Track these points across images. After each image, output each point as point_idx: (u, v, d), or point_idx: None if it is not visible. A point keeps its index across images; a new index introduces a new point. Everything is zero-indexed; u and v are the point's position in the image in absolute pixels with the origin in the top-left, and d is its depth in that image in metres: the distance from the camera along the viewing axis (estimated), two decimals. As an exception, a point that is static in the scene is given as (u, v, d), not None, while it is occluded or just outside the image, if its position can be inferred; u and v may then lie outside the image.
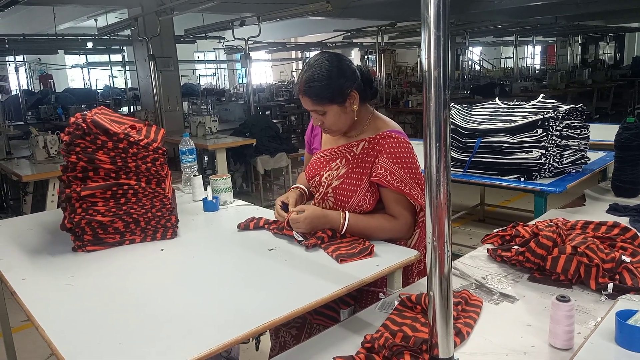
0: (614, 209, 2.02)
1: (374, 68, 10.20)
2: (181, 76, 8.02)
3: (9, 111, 8.54)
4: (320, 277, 1.35)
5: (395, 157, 1.57)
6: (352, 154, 1.65)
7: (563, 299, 1.09)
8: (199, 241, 1.71)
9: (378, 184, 1.59)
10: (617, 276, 1.34)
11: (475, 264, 1.58)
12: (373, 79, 1.70)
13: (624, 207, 2.02)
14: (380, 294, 1.49)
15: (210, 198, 2.03)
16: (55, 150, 4.28)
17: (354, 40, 11.78)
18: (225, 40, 10.15)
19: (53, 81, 13.14)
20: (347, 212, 1.59)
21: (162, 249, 1.61)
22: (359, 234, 1.59)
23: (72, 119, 1.62)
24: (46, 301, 1.28)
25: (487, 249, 1.64)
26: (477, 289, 1.41)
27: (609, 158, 2.71)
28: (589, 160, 2.57)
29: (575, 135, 2.45)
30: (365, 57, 13.47)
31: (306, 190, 1.81)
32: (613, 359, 0.96)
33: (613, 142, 2.24)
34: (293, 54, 16.99)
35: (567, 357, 1.02)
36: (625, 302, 1.13)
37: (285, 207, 1.70)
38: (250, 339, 2.19)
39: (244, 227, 1.75)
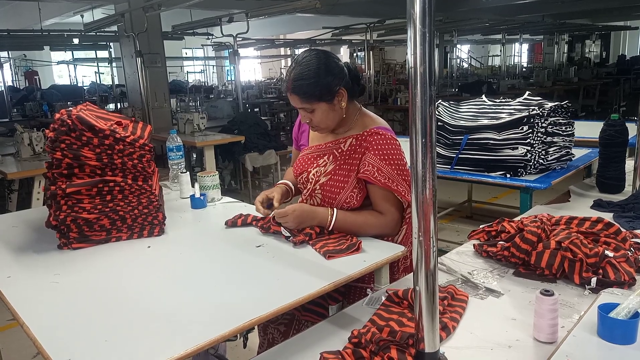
0: (598, 205, 2.04)
1: (363, 65, 10.21)
2: (169, 73, 7.98)
3: (-7, 108, 8.42)
4: (308, 273, 1.36)
5: (383, 154, 1.58)
6: (339, 150, 1.65)
7: (547, 292, 1.10)
8: (187, 238, 1.70)
9: (365, 180, 1.59)
10: (601, 271, 1.36)
11: (462, 259, 1.60)
12: (361, 76, 1.70)
13: (608, 203, 2.04)
14: (368, 289, 1.50)
15: (197, 195, 2.03)
16: (41, 148, 4.23)
17: (343, 38, 11.80)
18: (214, 36, 10.08)
19: (38, 78, 12.98)
20: (335, 209, 1.60)
21: (149, 246, 1.60)
22: (346, 231, 1.59)
23: (57, 115, 1.61)
24: (31, 299, 1.27)
25: (474, 245, 1.65)
26: (463, 284, 1.42)
27: (593, 155, 2.75)
28: (573, 156, 2.61)
29: (561, 132, 2.47)
30: (354, 54, 13.48)
31: (292, 186, 1.81)
32: (595, 351, 0.97)
33: (597, 139, 2.27)
34: (282, 50, 16.93)
35: (551, 350, 1.03)
36: (607, 295, 1.15)
37: (270, 204, 1.70)
38: (238, 336, 2.20)
39: (232, 224, 1.75)
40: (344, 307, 1.49)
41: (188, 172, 2.21)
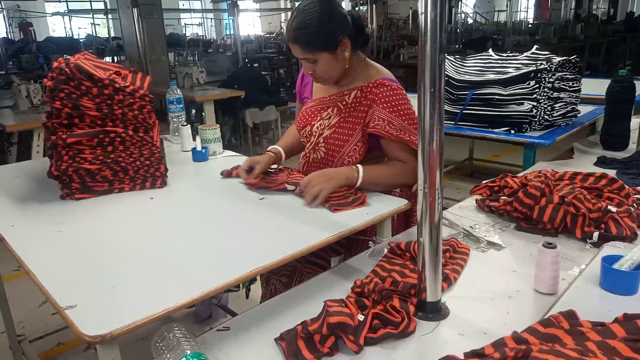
0: (601, 162, 2.04)
1: (366, 15, 9.94)
2: (166, 25, 7.78)
3: (-12, 60, 8.26)
4: (311, 224, 1.36)
5: (392, 106, 1.55)
6: (344, 102, 1.63)
7: (549, 245, 1.11)
8: (189, 190, 1.70)
9: (377, 135, 1.57)
10: (603, 225, 1.37)
11: (464, 214, 1.60)
12: (365, 25, 1.66)
13: (611, 160, 2.04)
14: (370, 242, 1.51)
15: (199, 148, 2.01)
16: (39, 100, 4.18)
17: (345, -10, 11.44)
18: (212, -13, 9.80)
19: (33, 29, 12.67)
20: (358, 165, 1.56)
21: (152, 198, 1.60)
22: (373, 184, 1.56)
23: (55, 64, 1.57)
24: (36, 247, 1.27)
25: (476, 200, 1.65)
26: (465, 238, 1.43)
27: (598, 112, 2.72)
28: (579, 113, 2.58)
29: (567, 88, 2.44)
30: (356, 8, 13.13)
31: (282, 152, 1.78)
32: (597, 301, 0.99)
33: (603, 96, 2.24)
34: (282, 3, 16.49)
35: (551, 301, 1.04)
36: (610, 248, 1.16)
37: (251, 168, 1.67)
38: (241, 286, 2.23)
39: (227, 174, 1.75)
40: (345, 260, 1.50)
41: (189, 125, 2.19)
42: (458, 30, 11.79)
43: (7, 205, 1.57)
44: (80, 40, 12.27)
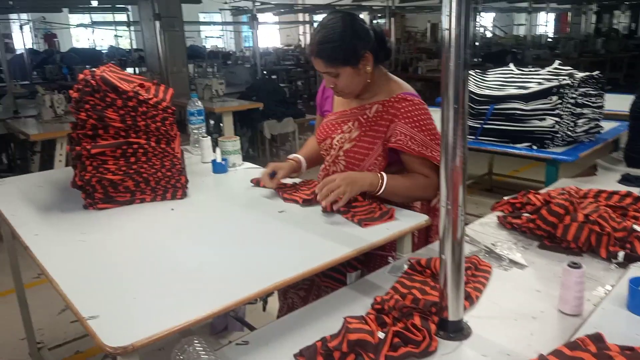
0: (626, 179, 2.00)
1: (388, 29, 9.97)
2: (186, 38, 7.89)
3: (14, 70, 8.46)
4: (331, 239, 1.35)
5: (414, 121, 1.55)
6: (364, 116, 1.63)
7: (574, 265, 1.09)
8: (209, 202, 1.71)
9: (399, 150, 1.56)
10: (628, 245, 1.34)
11: (485, 230, 1.58)
12: (387, 40, 1.66)
13: (636, 177, 2.00)
14: (389, 257, 1.50)
15: (219, 160, 2.03)
16: (62, 110, 4.26)
17: (363, 4, 11.52)
18: (232, 0, 9.94)
19: (57, 41, 12.99)
20: (382, 173, 1.55)
21: (172, 209, 1.61)
22: (395, 194, 1.55)
23: (81, 76, 1.60)
24: (59, 256, 1.29)
25: (497, 216, 1.63)
26: (487, 255, 1.41)
27: (622, 128, 2.68)
28: (602, 129, 2.54)
29: (590, 104, 2.40)
30: (374, 21, 13.19)
31: (303, 160, 1.79)
32: (625, 324, 0.96)
33: (625, 112, 2.21)
34: (301, 16, 16.65)
35: (576, 323, 1.02)
36: (637, 269, 1.13)
37: (273, 173, 1.70)
38: (258, 299, 2.23)
39: (256, 182, 1.77)
40: (363, 276, 1.49)
41: (209, 137, 2.21)
42: (477, 43, 11.75)
43: (32, 214, 1.60)
44: (103, 51, 12.53)
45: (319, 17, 14.30)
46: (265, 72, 9.47)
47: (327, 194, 1.47)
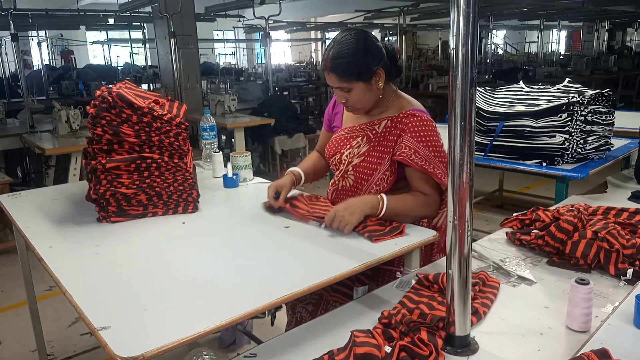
0: (636, 197, 1.99)
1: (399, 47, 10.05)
2: (200, 54, 8.02)
3: (31, 86, 8.65)
4: (338, 253, 1.37)
5: (420, 136, 1.57)
6: (373, 132, 1.65)
7: (582, 281, 1.09)
8: (220, 216, 1.74)
9: (402, 162, 1.58)
10: (638, 262, 1.34)
11: (494, 246, 1.58)
12: (398, 58, 1.69)
13: (646, 195, 1.99)
14: (397, 272, 1.51)
15: (230, 174, 2.05)
16: (78, 125, 4.34)
17: (375, 21, 11.64)
18: (245, 19, 10.10)
19: (74, 57, 13.24)
20: (382, 195, 1.56)
21: (184, 222, 1.64)
22: (396, 215, 1.55)
23: (98, 92, 1.64)
24: (73, 268, 1.32)
25: (506, 232, 1.64)
26: (495, 271, 1.41)
27: (632, 145, 2.67)
28: (612, 146, 2.53)
29: (600, 121, 2.40)
30: (386, 38, 13.30)
31: (302, 174, 1.80)
32: (631, 340, 0.96)
33: (637, 130, 2.20)
34: (312, 34, 16.84)
35: (584, 339, 1.02)
36: (645, 287, 1.13)
37: (277, 194, 1.70)
38: (266, 313, 2.24)
39: (269, 205, 1.74)
40: (371, 290, 1.49)
41: (221, 152, 2.25)
42: (488, 60, 11.78)
43: (46, 226, 1.64)
44: (119, 68, 12.75)
45: (330, 34, 14.46)
46: (277, 88, 9.56)
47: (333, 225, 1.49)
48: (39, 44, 9.66)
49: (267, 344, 1.11)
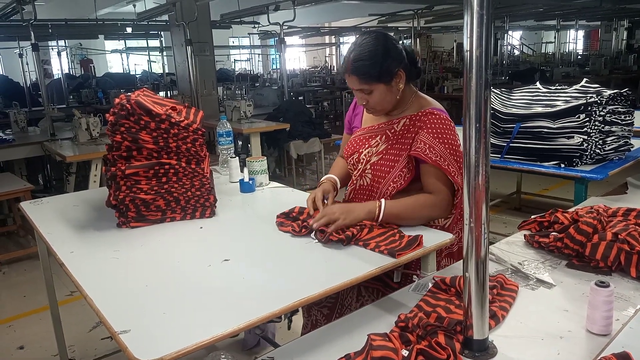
0: (658, 198, 1.96)
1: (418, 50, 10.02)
2: (216, 61, 8.10)
3: (52, 94, 8.83)
4: (354, 257, 1.37)
5: (436, 133, 1.57)
6: (392, 130, 1.66)
7: (602, 284, 1.07)
8: (237, 220, 1.75)
9: (416, 157, 1.58)
10: (660, 264, 1.31)
11: (512, 249, 1.57)
12: (417, 59, 1.70)
13: (669, 195, 1.95)
14: (414, 276, 1.50)
15: (246, 179, 2.07)
16: (97, 132, 4.41)
17: (389, 25, 11.61)
18: (260, 25, 10.18)
19: (93, 66, 13.48)
20: (382, 200, 1.56)
21: (201, 227, 1.66)
22: (397, 215, 1.54)
23: (117, 100, 1.68)
24: (93, 272, 1.34)
25: (524, 235, 1.62)
26: (513, 274, 1.40)
27: (654, 146, 2.62)
28: (632, 147, 2.49)
29: (619, 121, 2.37)
30: (400, 41, 13.26)
31: (337, 180, 1.80)
32: (653, 344, 0.94)
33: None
34: (327, 39, 16.90)
35: (604, 343, 1.00)
36: (668, 289, 1.11)
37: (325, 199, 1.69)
38: (283, 317, 2.25)
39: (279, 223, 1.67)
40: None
41: (237, 157, 2.27)
42: (504, 62, 11.68)
43: (68, 232, 1.67)
44: (137, 75, 12.95)
45: (344, 39, 14.48)
46: (292, 93, 9.61)
47: (321, 221, 1.48)
48: (59, 54, 9.85)
49: (284, 347, 1.12)
